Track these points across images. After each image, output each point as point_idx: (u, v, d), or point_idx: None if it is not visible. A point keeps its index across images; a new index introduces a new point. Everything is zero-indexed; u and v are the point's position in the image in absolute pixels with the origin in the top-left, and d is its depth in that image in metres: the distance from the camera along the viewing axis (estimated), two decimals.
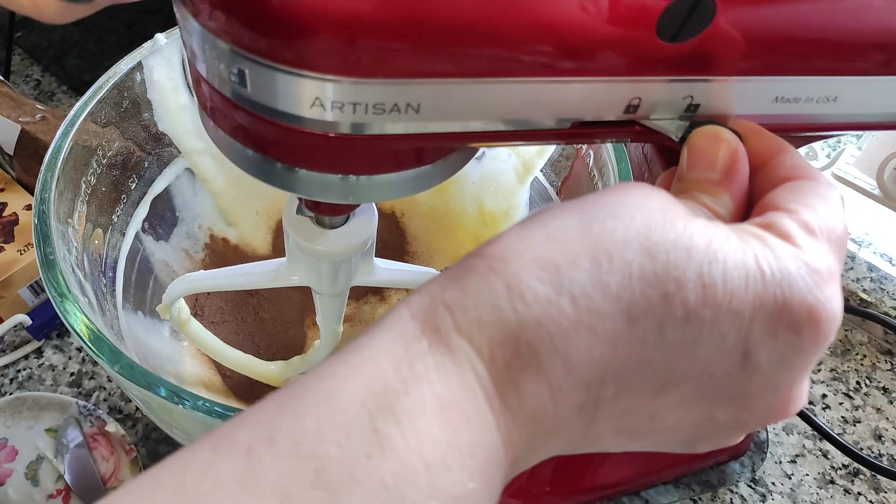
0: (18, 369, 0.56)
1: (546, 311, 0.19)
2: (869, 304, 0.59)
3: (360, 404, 0.18)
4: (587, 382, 0.20)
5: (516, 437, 0.20)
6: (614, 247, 0.20)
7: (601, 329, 0.20)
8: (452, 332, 0.20)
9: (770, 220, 0.22)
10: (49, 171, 0.39)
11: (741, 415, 0.22)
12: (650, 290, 0.20)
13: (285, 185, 0.25)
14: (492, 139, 0.24)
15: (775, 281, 0.20)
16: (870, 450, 0.54)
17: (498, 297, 0.20)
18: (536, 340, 0.19)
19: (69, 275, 0.37)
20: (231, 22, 0.20)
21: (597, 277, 0.20)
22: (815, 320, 0.20)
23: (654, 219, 0.21)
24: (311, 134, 0.22)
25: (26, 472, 0.50)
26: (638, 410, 0.21)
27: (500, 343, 0.19)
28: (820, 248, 0.21)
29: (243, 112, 0.22)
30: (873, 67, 0.24)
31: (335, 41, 0.19)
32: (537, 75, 0.22)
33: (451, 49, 0.20)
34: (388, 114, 0.22)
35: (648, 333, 0.20)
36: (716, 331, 0.20)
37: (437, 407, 0.18)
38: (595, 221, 0.21)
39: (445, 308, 0.20)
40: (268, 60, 0.20)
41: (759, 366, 0.21)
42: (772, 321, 0.20)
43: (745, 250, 0.21)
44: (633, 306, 0.20)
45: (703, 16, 0.21)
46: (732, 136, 0.24)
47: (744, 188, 0.24)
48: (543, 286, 0.20)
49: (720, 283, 0.20)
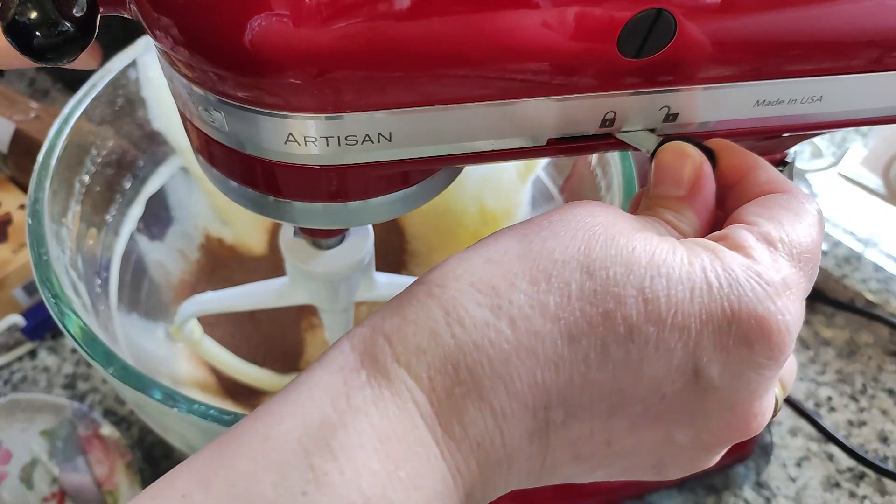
0: (12, 371, 0.55)
1: (485, 334, 0.19)
2: (875, 306, 0.58)
3: (296, 442, 0.18)
4: (533, 407, 0.19)
5: (464, 468, 0.19)
6: (553, 266, 0.20)
7: (542, 351, 0.19)
8: (391, 362, 0.19)
9: (727, 233, 0.21)
10: (43, 170, 0.39)
11: (701, 435, 0.21)
12: (590, 309, 0.19)
13: (276, 215, 0.26)
14: (470, 160, 0.24)
15: (723, 293, 0.20)
16: (875, 452, 0.53)
17: (436, 323, 0.19)
18: (476, 365, 0.19)
19: (63, 275, 0.37)
20: (203, 66, 0.20)
21: (535, 298, 0.19)
22: (766, 332, 0.20)
23: (594, 236, 0.20)
24: (291, 167, 0.23)
25: (20, 475, 0.49)
26: (592, 435, 0.21)
27: (440, 370, 0.19)
28: (777, 259, 0.21)
29: (226, 148, 0.23)
30: (861, 65, 0.24)
31: (302, 80, 0.20)
32: (506, 98, 0.22)
33: (417, 80, 0.21)
34: (361, 144, 0.22)
35: (591, 353, 0.19)
36: (662, 347, 0.20)
37: (375, 439, 0.18)
38: (535, 241, 0.20)
39: (384, 338, 0.20)
40: (240, 103, 0.21)
41: (711, 382, 0.20)
42: (721, 335, 0.20)
43: (692, 262, 0.20)
44: (574, 326, 0.19)
45: (664, 32, 0.21)
46: (697, 153, 0.23)
47: (709, 205, 0.23)
48: (481, 309, 0.19)
49: (663, 297, 0.19)
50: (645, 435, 0.21)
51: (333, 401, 0.19)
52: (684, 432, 0.21)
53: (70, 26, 0.19)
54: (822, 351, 0.58)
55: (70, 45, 0.19)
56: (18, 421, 0.51)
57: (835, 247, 0.61)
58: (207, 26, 0.19)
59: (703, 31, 0.21)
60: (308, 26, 0.19)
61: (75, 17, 0.19)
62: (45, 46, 0.19)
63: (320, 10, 0.19)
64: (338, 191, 0.24)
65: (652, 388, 0.20)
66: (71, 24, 0.19)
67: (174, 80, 0.23)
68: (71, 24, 0.19)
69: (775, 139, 0.29)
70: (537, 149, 0.24)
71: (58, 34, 0.19)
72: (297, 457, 0.18)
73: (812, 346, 0.58)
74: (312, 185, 0.24)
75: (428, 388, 0.19)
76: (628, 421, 0.21)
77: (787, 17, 0.22)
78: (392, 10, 0.19)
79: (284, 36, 0.19)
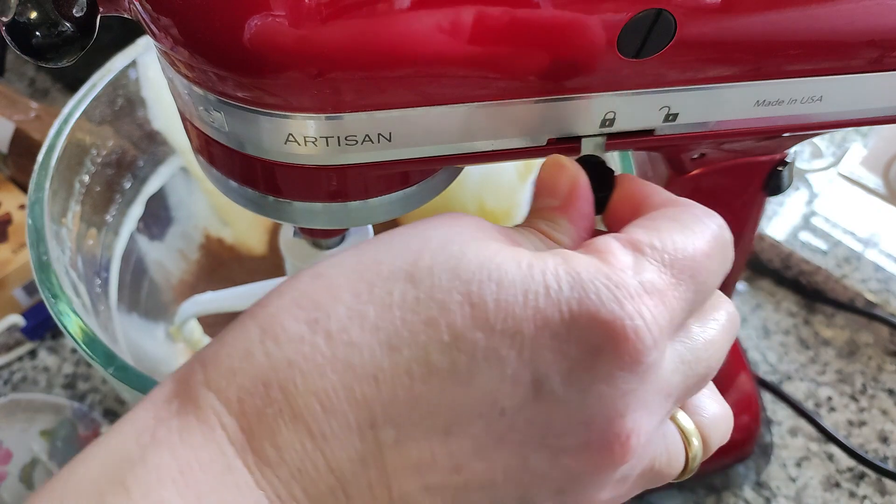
0: (12, 371, 0.55)
1: (299, 349, 0.18)
2: (875, 305, 0.58)
3: (91, 482, 0.17)
4: (357, 426, 0.18)
5: (286, 495, 0.18)
6: (377, 278, 0.19)
7: (360, 363, 0.18)
8: (201, 388, 0.18)
9: (590, 241, 0.20)
10: (42, 170, 0.39)
11: (559, 459, 0.19)
12: (412, 317, 0.18)
13: (276, 215, 0.25)
14: (469, 160, 0.24)
15: (561, 295, 0.18)
16: (875, 452, 0.53)
17: (251, 343, 0.18)
18: (288, 382, 0.18)
19: (63, 276, 0.37)
20: (203, 66, 0.20)
21: (355, 309, 0.18)
22: (612, 338, 0.18)
23: (427, 246, 0.19)
24: (291, 167, 0.23)
25: (20, 475, 0.49)
26: (435, 459, 0.19)
27: (250, 390, 0.18)
28: (641, 263, 0.19)
29: (226, 148, 0.23)
30: (862, 65, 0.24)
31: (302, 80, 0.20)
32: (505, 98, 0.22)
33: (417, 79, 0.21)
34: (360, 144, 0.22)
35: (414, 364, 0.18)
36: (492, 356, 0.18)
37: (176, 471, 0.17)
38: (367, 254, 0.19)
39: (200, 363, 0.19)
40: (240, 103, 0.21)
41: (555, 395, 0.18)
42: (559, 341, 0.18)
43: (531, 266, 0.18)
44: (394, 335, 0.18)
45: (664, 32, 0.21)
46: (574, 165, 0.23)
47: (586, 214, 0.23)
48: (298, 324, 0.18)
49: (491, 301, 0.18)
50: (496, 459, 0.19)
51: (139, 436, 0.18)
52: (539, 455, 0.19)
53: (70, 26, 0.19)
54: (822, 351, 0.58)
55: (70, 45, 0.19)
56: (18, 421, 0.51)
57: (835, 247, 0.61)
58: (207, 26, 0.19)
59: (703, 31, 0.21)
60: (307, 26, 0.19)
61: (75, 17, 0.19)
62: (44, 46, 0.19)
63: (320, 9, 0.19)
64: (337, 191, 0.24)
65: (487, 402, 0.18)
66: (71, 24, 0.19)
67: (174, 81, 0.23)
68: (71, 24, 0.19)
69: (775, 139, 0.29)
70: (537, 149, 0.24)
71: (57, 34, 0.19)
72: (89, 498, 0.17)
73: (812, 345, 0.58)
74: (312, 185, 0.24)
75: (238, 411, 0.18)
76: (470, 441, 0.18)
77: (788, 16, 0.22)
78: (392, 8, 0.19)
79: (284, 35, 0.19)
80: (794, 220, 0.62)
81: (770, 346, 0.58)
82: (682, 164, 0.31)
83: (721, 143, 0.29)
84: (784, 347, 0.58)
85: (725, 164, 0.32)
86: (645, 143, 0.25)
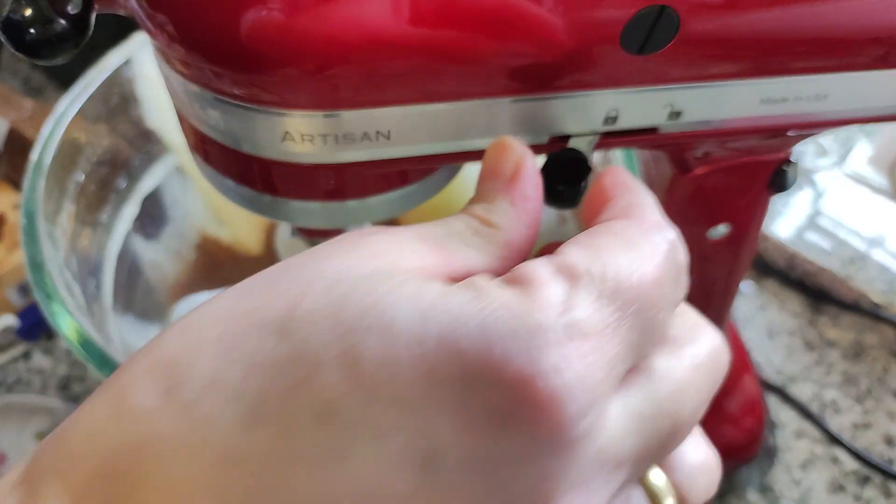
0: (6, 373, 0.55)
1: (153, 427, 0.15)
2: (880, 307, 0.58)
3: None
4: None
5: None
6: (250, 327, 0.15)
7: (217, 442, 0.14)
8: (46, 474, 0.15)
9: (515, 268, 0.16)
10: (37, 169, 0.38)
11: None
12: (281, 380, 0.14)
13: (273, 214, 0.25)
14: (469, 158, 0.24)
15: (462, 346, 0.14)
16: (881, 455, 0.53)
17: (97, 421, 0.15)
18: (137, 467, 0.15)
19: (57, 276, 0.36)
20: (199, 63, 0.20)
21: (217, 373, 0.15)
22: (524, 403, 0.14)
23: (313, 285, 0.15)
24: (288, 165, 0.22)
25: None
26: None
27: (95, 475, 0.15)
28: (574, 297, 0.15)
29: (222, 146, 0.23)
30: (867, 62, 0.24)
31: (298, 76, 0.20)
32: (506, 94, 0.22)
33: (416, 76, 0.20)
34: (359, 142, 0.22)
35: (279, 443, 0.14)
36: (372, 429, 0.14)
37: None
38: (249, 297, 0.16)
39: (54, 442, 0.16)
40: (237, 100, 0.21)
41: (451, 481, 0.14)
42: (459, 406, 0.14)
43: (434, 305, 0.15)
44: (258, 405, 0.14)
45: (668, 28, 0.21)
46: (522, 146, 0.20)
47: (530, 196, 0.19)
48: (154, 395, 0.15)
49: (377, 356, 0.14)
50: None
51: None
52: None
53: (64, 23, 0.19)
54: (827, 352, 0.57)
55: (65, 42, 0.19)
56: (13, 423, 0.51)
57: (840, 247, 0.60)
58: (203, 22, 0.19)
59: (707, 28, 0.21)
60: (304, 21, 0.19)
61: (70, 14, 0.19)
62: (39, 43, 0.19)
63: (317, 4, 0.19)
64: (335, 189, 0.24)
65: (365, 489, 0.14)
66: (65, 21, 0.19)
67: (170, 78, 0.23)
68: (65, 21, 0.19)
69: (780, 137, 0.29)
70: (539, 147, 0.24)
71: (52, 31, 0.19)
72: None
73: (817, 347, 0.57)
74: (310, 184, 0.24)
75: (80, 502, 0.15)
76: None
77: (793, 12, 0.21)
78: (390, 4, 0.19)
79: (280, 31, 0.19)
80: (798, 220, 0.62)
81: (775, 347, 0.58)
82: (686, 162, 0.31)
83: (725, 141, 0.28)
84: (789, 349, 0.58)
85: (730, 163, 0.31)
86: (649, 142, 0.25)
